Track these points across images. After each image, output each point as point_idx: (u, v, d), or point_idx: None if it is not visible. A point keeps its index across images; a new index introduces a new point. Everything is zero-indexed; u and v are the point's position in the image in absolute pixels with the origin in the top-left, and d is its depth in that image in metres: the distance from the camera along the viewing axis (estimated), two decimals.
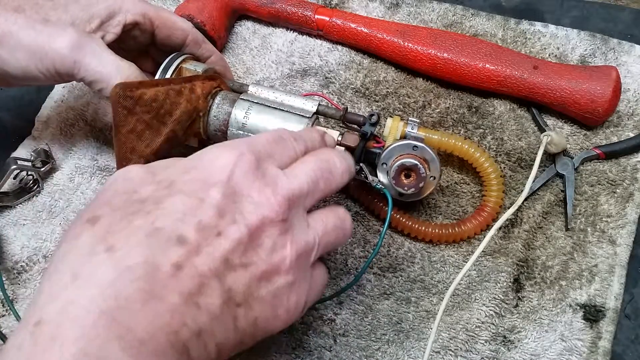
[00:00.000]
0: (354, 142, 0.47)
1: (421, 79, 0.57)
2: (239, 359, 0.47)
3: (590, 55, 0.56)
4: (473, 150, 0.48)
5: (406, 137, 0.48)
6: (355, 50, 0.59)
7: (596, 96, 0.50)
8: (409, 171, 0.46)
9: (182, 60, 0.49)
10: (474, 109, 0.55)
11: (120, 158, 0.44)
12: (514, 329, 0.47)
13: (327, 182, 0.34)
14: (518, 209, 0.49)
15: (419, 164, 0.45)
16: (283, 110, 0.47)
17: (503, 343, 0.47)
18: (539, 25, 0.58)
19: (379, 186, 0.46)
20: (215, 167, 0.30)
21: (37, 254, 0.51)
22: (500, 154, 0.53)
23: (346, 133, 0.48)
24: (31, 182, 0.53)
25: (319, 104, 0.49)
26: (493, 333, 0.47)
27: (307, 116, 0.47)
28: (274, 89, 0.50)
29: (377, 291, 0.49)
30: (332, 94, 0.57)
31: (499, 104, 0.55)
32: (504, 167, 0.53)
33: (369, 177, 0.46)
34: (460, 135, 0.54)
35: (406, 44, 0.55)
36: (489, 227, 0.50)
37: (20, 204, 0.53)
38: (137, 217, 0.27)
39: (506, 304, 0.48)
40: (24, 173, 0.53)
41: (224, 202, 0.29)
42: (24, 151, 0.55)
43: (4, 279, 0.48)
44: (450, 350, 0.47)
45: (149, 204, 0.28)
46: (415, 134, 0.47)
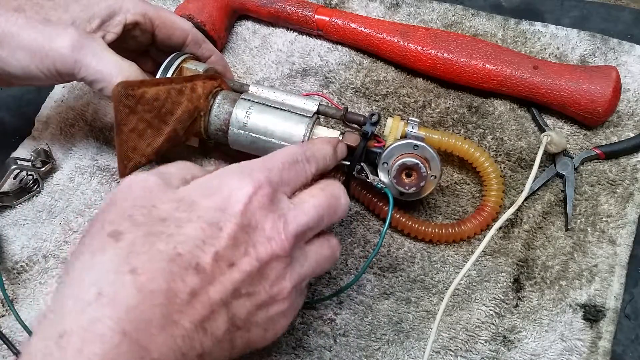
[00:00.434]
0: (354, 142, 0.47)
1: (421, 79, 0.57)
2: (237, 358, 0.47)
3: (590, 55, 0.56)
4: (473, 150, 0.48)
5: (407, 136, 0.48)
6: (355, 50, 0.59)
7: (596, 96, 0.50)
8: (410, 170, 0.46)
9: (183, 60, 0.49)
10: (474, 109, 0.55)
11: (121, 157, 0.44)
12: (514, 329, 0.47)
13: (330, 218, 0.36)
14: (518, 209, 0.49)
15: (420, 163, 0.45)
16: (284, 110, 0.47)
17: (503, 343, 0.47)
18: (539, 25, 0.58)
19: (380, 185, 0.46)
20: (235, 197, 0.31)
21: (37, 254, 0.51)
22: (500, 154, 0.53)
23: (347, 133, 0.48)
24: (31, 182, 0.53)
25: (320, 104, 0.49)
26: (493, 333, 0.47)
27: (308, 116, 0.47)
28: (274, 88, 0.50)
29: (377, 291, 0.49)
30: (332, 94, 0.57)
31: (499, 104, 0.55)
32: (504, 167, 0.53)
33: (370, 176, 0.46)
34: (460, 135, 0.54)
35: (406, 44, 0.55)
36: (489, 227, 0.50)
37: (20, 204, 0.53)
38: (160, 240, 0.28)
39: (506, 304, 0.48)
40: (24, 173, 0.53)
41: (240, 234, 0.31)
42: (24, 151, 0.55)
43: (4, 279, 0.48)
44: (450, 350, 0.47)
45: (170, 225, 0.29)
46: (416, 134, 0.47)
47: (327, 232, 0.38)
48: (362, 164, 0.47)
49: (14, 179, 0.53)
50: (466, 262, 0.46)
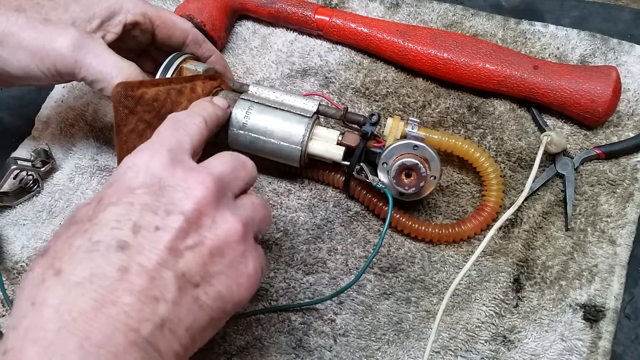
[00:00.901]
0: (354, 142, 0.47)
1: (421, 79, 0.57)
2: (237, 359, 0.47)
3: (590, 55, 0.57)
4: (473, 150, 0.48)
5: (406, 136, 0.48)
6: (355, 50, 0.59)
7: (596, 96, 0.50)
8: (409, 171, 0.46)
9: (183, 60, 0.49)
10: (474, 109, 0.55)
11: (121, 157, 0.44)
12: (514, 329, 0.47)
13: (245, 171, 0.36)
14: (518, 209, 0.49)
15: (419, 163, 0.45)
16: (284, 110, 0.47)
17: (503, 343, 0.47)
18: (539, 25, 0.58)
19: (380, 186, 0.46)
20: (133, 171, 0.32)
21: (37, 254, 0.51)
22: (500, 154, 0.53)
23: (347, 133, 0.48)
24: (31, 182, 0.53)
25: (320, 104, 0.49)
26: (493, 333, 0.47)
27: (308, 116, 0.47)
28: (274, 88, 0.50)
29: (377, 291, 0.49)
30: (332, 94, 0.57)
31: (499, 104, 0.55)
32: (504, 167, 0.53)
33: (369, 176, 0.46)
34: (460, 135, 0.54)
35: (406, 44, 0.55)
36: (489, 227, 0.50)
37: (20, 204, 0.53)
38: (76, 238, 0.29)
39: (506, 304, 0.48)
40: (24, 173, 0.53)
41: (152, 199, 0.31)
42: (24, 151, 0.55)
43: (4, 279, 0.48)
44: (450, 350, 0.47)
45: (83, 223, 0.30)
46: (416, 134, 0.47)
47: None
48: (361, 164, 0.47)
49: (14, 179, 0.53)
50: (466, 262, 0.46)
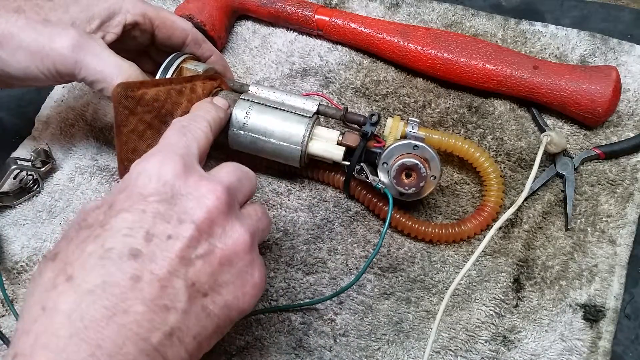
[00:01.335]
0: (354, 142, 0.47)
1: (421, 79, 0.57)
2: (237, 359, 0.47)
3: (590, 55, 0.57)
4: (473, 150, 0.48)
5: (406, 136, 0.48)
6: (355, 50, 0.59)
7: (596, 96, 0.50)
8: (409, 171, 0.46)
9: (183, 60, 0.49)
10: (474, 109, 0.55)
11: (122, 158, 0.44)
12: (514, 329, 0.47)
13: (247, 181, 0.37)
14: (518, 209, 0.49)
15: (419, 163, 0.45)
16: (284, 110, 0.47)
17: (503, 343, 0.47)
18: (539, 25, 0.58)
19: (380, 186, 0.46)
20: (145, 178, 0.32)
21: (37, 254, 0.51)
22: (500, 154, 0.53)
23: (347, 133, 0.48)
24: (31, 182, 0.53)
25: (320, 104, 0.49)
26: (493, 333, 0.47)
27: (308, 116, 0.47)
28: (274, 88, 0.50)
29: (377, 291, 0.49)
30: (332, 94, 0.57)
31: (499, 104, 0.55)
32: (504, 167, 0.53)
33: (370, 177, 0.46)
34: (460, 135, 0.54)
35: (406, 44, 0.55)
36: (489, 227, 0.50)
37: (20, 204, 0.53)
38: (88, 244, 0.29)
39: (506, 304, 0.48)
40: (24, 173, 0.53)
41: (165, 207, 0.31)
42: (24, 151, 0.55)
43: (4, 279, 0.48)
44: (450, 350, 0.47)
45: (95, 228, 0.30)
46: (416, 134, 0.47)
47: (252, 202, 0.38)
48: (362, 164, 0.47)
49: (14, 179, 0.53)
50: (466, 262, 0.46)
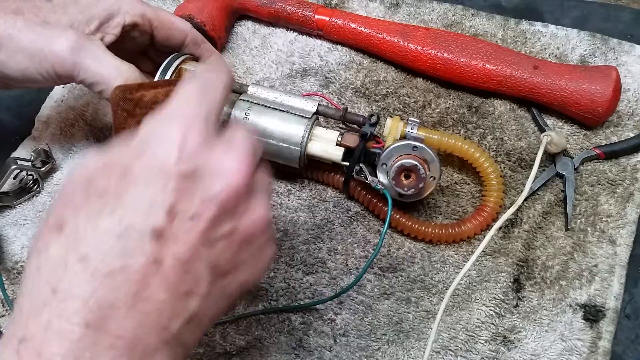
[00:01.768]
0: (353, 143, 0.47)
1: (421, 79, 0.57)
2: (237, 359, 0.47)
3: (590, 55, 0.56)
4: (473, 150, 0.48)
5: (406, 137, 0.48)
6: (355, 50, 0.59)
7: (596, 96, 0.50)
8: (408, 172, 0.46)
9: (182, 61, 0.49)
10: (474, 109, 0.55)
11: None
12: (514, 329, 0.47)
13: (260, 149, 0.32)
14: (518, 209, 0.49)
15: (418, 164, 0.45)
16: (283, 110, 0.47)
17: (503, 343, 0.47)
18: (539, 25, 0.58)
19: (379, 187, 0.46)
20: (168, 146, 0.28)
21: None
22: (500, 154, 0.53)
23: (346, 133, 0.48)
24: (31, 182, 0.53)
25: (319, 104, 0.49)
26: (493, 333, 0.47)
27: (307, 117, 0.47)
28: (273, 89, 0.50)
29: (377, 291, 0.49)
30: (332, 94, 0.57)
31: (499, 104, 0.55)
32: (504, 167, 0.53)
33: (369, 177, 0.46)
34: (460, 135, 0.54)
35: (406, 44, 0.55)
36: (489, 227, 0.50)
37: (20, 204, 0.53)
38: (103, 218, 0.26)
39: (506, 304, 0.48)
40: (24, 173, 0.53)
41: (189, 183, 0.27)
42: (24, 151, 0.55)
43: (4, 279, 0.48)
44: (450, 350, 0.47)
45: (109, 198, 0.27)
46: (415, 134, 0.47)
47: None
48: (361, 165, 0.47)
49: (14, 179, 0.53)
50: (466, 262, 0.46)
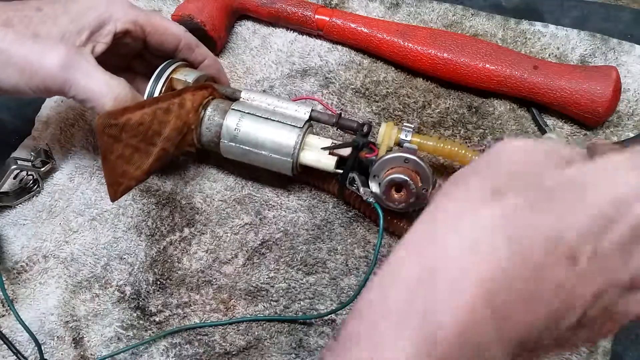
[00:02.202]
0: (345, 152, 0.47)
1: (421, 79, 0.57)
2: (237, 359, 0.47)
3: (590, 55, 0.56)
4: (470, 155, 0.48)
5: (400, 144, 0.47)
6: (355, 50, 0.59)
7: (596, 96, 0.50)
8: (399, 186, 0.44)
9: (173, 70, 0.48)
10: (474, 109, 0.55)
11: (111, 183, 0.43)
12: None
13: None
14: None
15: (409, 179, 0.43)
16: (274, 120, 0.47)
17: None
18: (539, 25, 0.58)
19: (370, 200, 0.45)
20: (635, 195, 0.26)
21: (37, 254, 0.51)
22: None
23: (339, 142, 0.47)
24: (31, 182, 0.53)
25: (312, 110, 0.48)
26: None
27: (299, 126, 0.47)
28: (266, 94, 0.49)
29: None
30: (332, 94, 0.57)
31: (499, 104, 0.55)
32: None
33: (361, 189, 0.45)
34: (460, 135, 0.54)
35: (406, 44, 0.55)
36: None
37: (20, 204, 0.53)
38: (542, 214, 0.26)
39: None
40: (24, 173, 0.53)
41: (629, 239, 0.26)
42: (24, 151, 0.55)
43: (4, 279, 0.48)
44: None
45: (556, 202, 0.27)
46: (409, 146, 0.46)
47: None
48: (354, 175, 0.46)
49: (14, 179, 0.53)
50: None
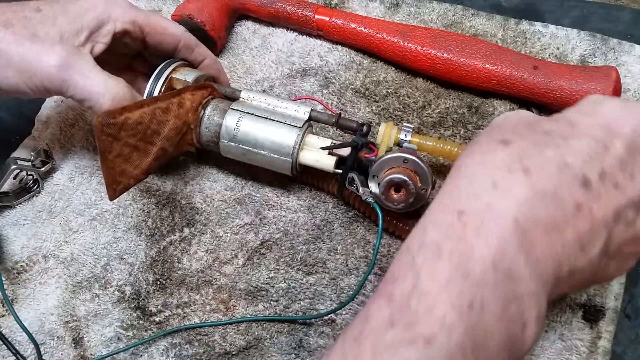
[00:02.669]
0: (345, 152, 0.47)
1: (421, 79, 0.57)
2: (237, 359, 0.47)
3: (590, 55, 0.56)
4: None
5: (400, 144, 0.47)
6: (355, 50, 0.59)
7: None
8: (398, 186, 0.44)
9: (173, 70, 0.48)
10: (474, 109, 0.55)
11: (109, 182, 0.43)
12: None
13: None
14: None
15: (408, 179, 0.43)
16: (274, 120, 0.47)
17: None
18: (539, 25, 0.58)
19: (369, 200, 0.45)
20: (620, 119, 0.30)
21: (37, 254, 0.51)
22: None
23: (338, 142, 0.47)
24: (31, 182, 0.53)
25: (312, 110, 0.48)
26: None
27: (298, 126, 0.47)
28: (266, 94, 0.49)
29: None
30: (332, 94, 0.57)
31: (499, 104, 0.55)
32: None
33: (360, 189, 0.45)
34: (460, 135, 0.54)
35: (406, 44, 0.55)
36: None
37: (20, 204, 0.53)
38: (548, 148, 0.29)
39: None
40: (24, 173, 0.53)
41: (626, 156, 0.29)
42: (24, 151, 0.55)
43: (4, 279, 0.48)
44: None
45: (555, 137, 0.29)
46: (409, 146, 0.46)
47: None
48: (353, 175, 0.46)
49: (14, 179, 0.53)
50: None
